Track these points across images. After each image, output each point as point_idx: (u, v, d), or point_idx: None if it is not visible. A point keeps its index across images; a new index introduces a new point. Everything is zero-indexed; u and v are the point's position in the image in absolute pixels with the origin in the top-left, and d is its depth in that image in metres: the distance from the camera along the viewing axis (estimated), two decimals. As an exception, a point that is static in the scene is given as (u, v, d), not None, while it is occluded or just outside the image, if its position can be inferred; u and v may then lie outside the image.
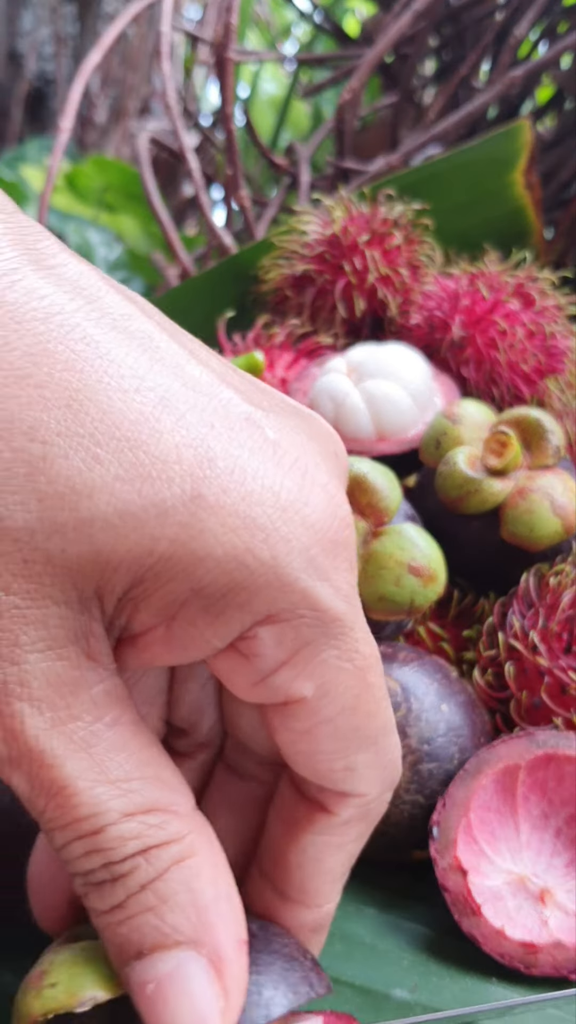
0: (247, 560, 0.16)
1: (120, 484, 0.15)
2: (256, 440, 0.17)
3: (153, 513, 0.16)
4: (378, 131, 0.64)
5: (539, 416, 0.33)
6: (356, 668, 0.18)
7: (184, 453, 0.16)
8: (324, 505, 0.17)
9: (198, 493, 0.16)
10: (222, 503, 0.16)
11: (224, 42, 0.52)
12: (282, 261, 0.44)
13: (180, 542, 0.16)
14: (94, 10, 0.97)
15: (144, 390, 0.16)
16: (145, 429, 0.16)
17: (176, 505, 0.16)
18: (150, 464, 0.16)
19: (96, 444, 0.15)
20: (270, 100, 0.87)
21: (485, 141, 0.47)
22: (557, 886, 0.27)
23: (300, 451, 0.18)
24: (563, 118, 0.57)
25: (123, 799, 0.17)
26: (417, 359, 0.38)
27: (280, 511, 0.17)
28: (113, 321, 0.16)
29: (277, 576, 0.16)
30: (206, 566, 0.16)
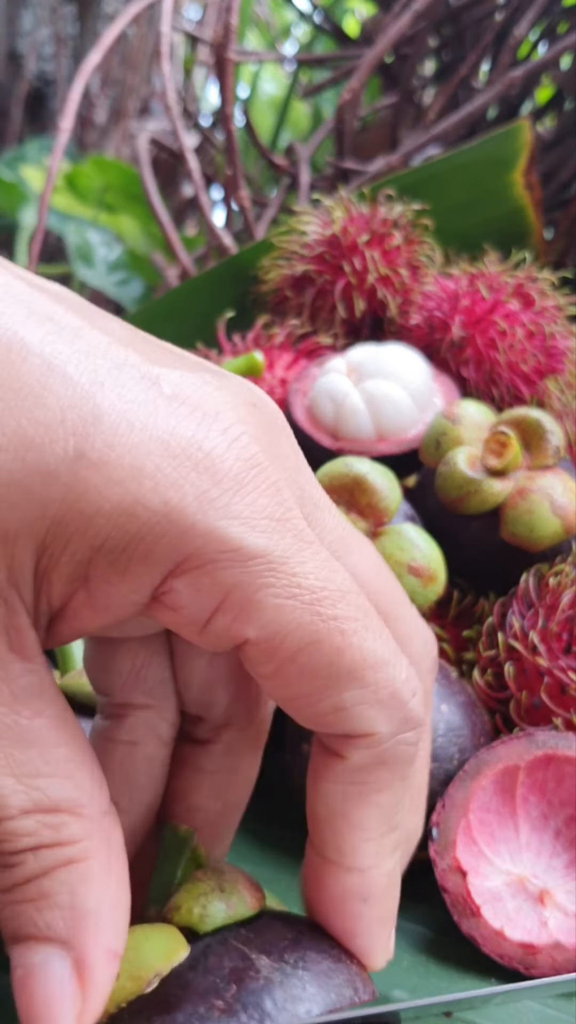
0: (137, 511, 0.16)
1: (3, 455, 0.16)
2: (149, 394, 0.17)
3: (38, 479, 0.16)
4: (378, 131, 0.64)
5: (539, 416, 0.33)
6: (302, 603, 0.17)
7: (68, 414, 0.16)
8: (223, 447, 0.17)
9: (81, 452, 0.16)
10: (106, 458, 0.16)
11: (224, 42, 0.52)
12: (282, 261, 0.44)
13: (68, 503, 0.16)
14: (94, 10, 0.97)
15: (31, 357, 0.16)
16: (29, 395, 0.16)
17: (59, 467, 0.16)
18: (33, 430, 0.16)
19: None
20: (270, 100, 0.87)
21: (485, 141, 0.47)
22: (557, 887, 0.27)
23: (200, 401, 0.17)
24: (563, 118, 0.57)
25: (24, 795, 0.17)
26: (417, 359, 0.38)
27: (170, 458, 0.16)
28: (17, 299, 0.17)
29: (172, 522, 0.16)
30: (97, 523, 0.16)
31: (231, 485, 0.17)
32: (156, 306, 0.50)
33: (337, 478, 0.31)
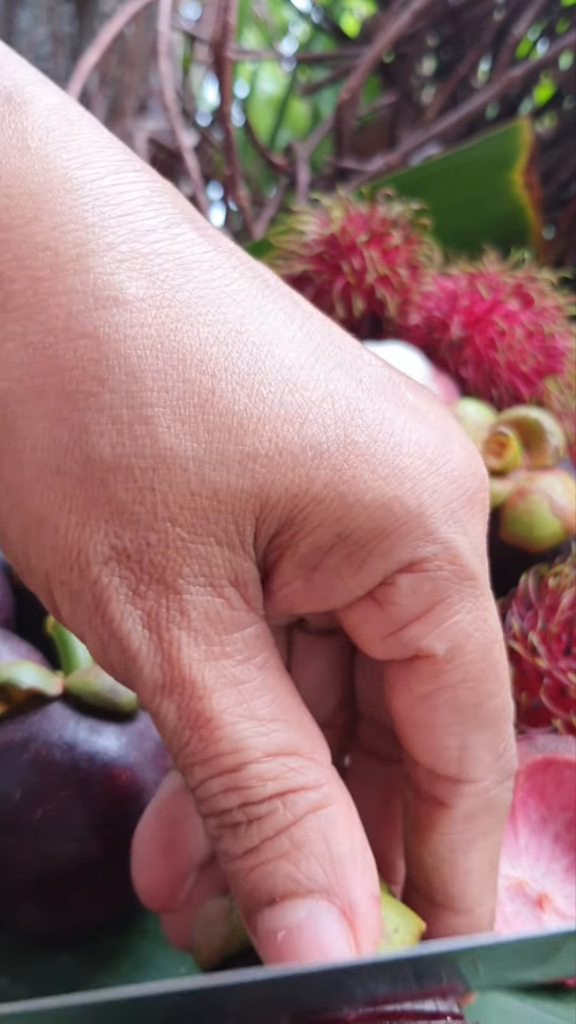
0: (394, 507, 0.17)
1: (281, 422, 0.16)
2: (400, 398, 0.17)
3: (310, 454, 0.16)
4: (377, 130, 0.64)
5: (538, 417, 0.33)
6: (485, 638, 0.18)
7: (338, 402, 0.17)
8: (467, 462, 0.18)
9: (351, 440, 0.16)
10: (372, 451, 0.17)
11: (222, 41, 0.52)
12: (280, 261, 0.44)
13: (332, 485, 0.16)
14: (92, 9, 0.97)
15: (299, 341, 0.17)
16: (302, 375, 0.17)
17: (331, 448, 0.16)
18: (307, 407, 0.16)
19: (260, 383, 0.16)
20: (268, 99, 0.87)
21: (484, 141, 0.47)
22: (555, 891, 0.27)
23: (439, 414, 0.18)
24: (562, 118, 0.57)
25: (266, 738, 0.16)
26: (416, 359, 0.38)
27: (427, 463, 0.17)
28: (265, 283, 0.18)
29: (421, 524, 0.17)
30: (354, 511, 0.16)
31: (468, 502, 0.18)
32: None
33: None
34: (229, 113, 0.53)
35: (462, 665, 0.18)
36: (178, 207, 0.17)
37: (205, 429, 0.16)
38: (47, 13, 0.96)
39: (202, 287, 0.16)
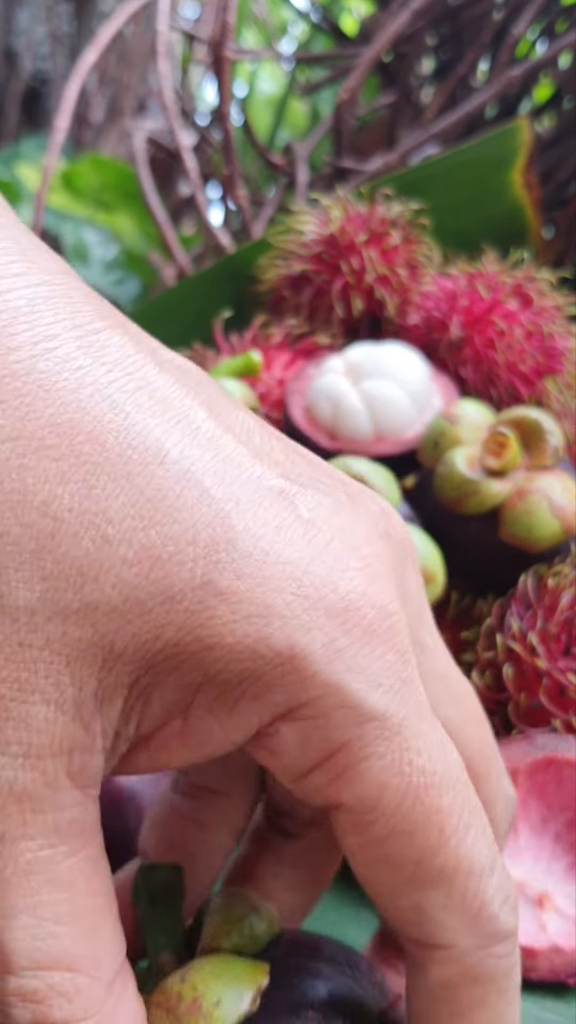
0: (260, 649, 0.15)
1: (127, 568, 0.14)
2: (286, 518, 0.16)
3: (159, 599, 0.15)
4: (376, 130, 0.64)
5: (538, 417, 0.33)
6: (408, 785, 0.15)
7: (201, 533, 0.15)
8: (359, 591, 0.16)
9: (209, 579, 0.15)
10: (235, 588, 0.15)
11: (221, 41, 0.52)
12: (279, 261, 0.44)
13: (187, 629, 0.15)
14: (90, 8, 0.97)
15: (168, 463, 0.15)
16: (162, 507, 0.15)
17: (184, 590, 0.15)
18: (162, 545, 0.15)
19: (108, 522, 0.14)
20: (267, 99, 0.87)
21: (483, 140, 0.47)
22: (556, 891, 0.27)
23: (337, 531, 0.16)
24: (562, 117, 0.57)
25: (40, 943, 0.15)
26: (415, 359, 0.38)
27: (302, 599, 0.15)
28: (151, 393, 0.15)
29: (295, 668, 0.15)
30: (215, 654, 0.15)
31: (361, 636, 0.15)
32: (153, 305, 0.50)
33: (335, 479, 0.30)
34: (228, 113, 0.53)
35: (383, 817, 0.15)
36: (65, 312, 0.15)
37: (40, 577, 0.14)
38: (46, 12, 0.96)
39: (61, 411, 0.14)
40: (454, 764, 0.16)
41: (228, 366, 0.37)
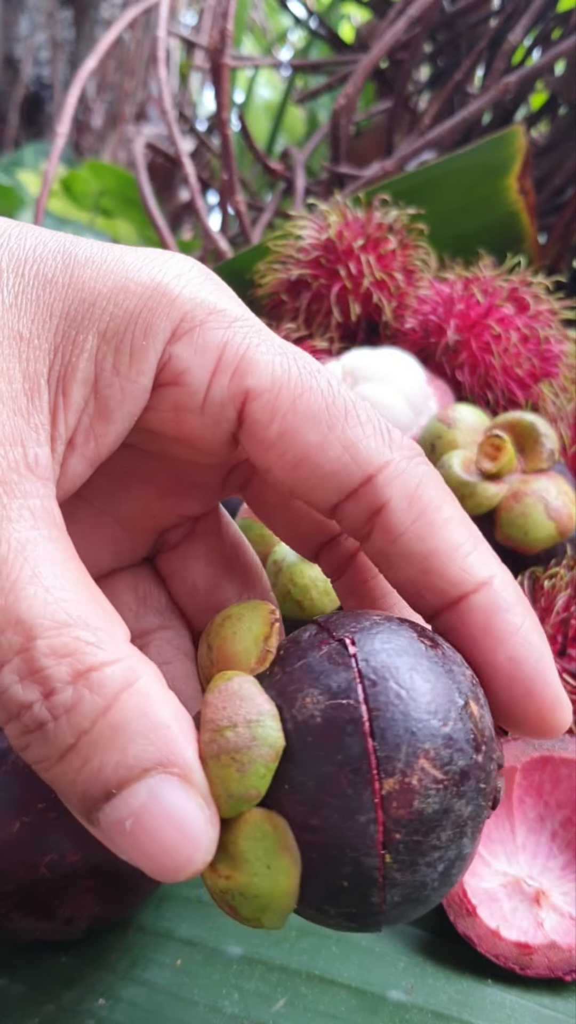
0: (130, 287, 0.18)
1: (4, 277, 0.18)
2: (111, 246, 0.20)
3: (40, 286, 0.18)
4: (373, 136, 0.64)
5: (533, 420, 0.34)
6: (289, 359, 0.19)
7: (52, 242, 0.19)
8: (178, 258, 0.20)
9: (70, 258, 0.18)
10: (93, 257, 0.18)
11: (220, 48, 0.52)
12: (277, 266, 0.44)
13: (69, 299, 0.18)
14: (90, 15, 0.97)
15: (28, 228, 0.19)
16: (21, 235, 0.19)
17: (56, 275, 0.18)
18: (26, 254, 0.18)
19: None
20: (266, 105, 0.87)
21: (479, 147, 0.47)
22: (552, 888, 0.27)
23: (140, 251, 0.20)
24: (557, 124, 0.58)
25: (55, 607, 0.15)
26: (412, 363, 0.38)
27: (143, 257, 0.19)
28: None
29: (162, 294, 0.18)
30: (100, 307, 0.18)
31: (198, 276, 0.19)
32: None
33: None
34: (227, 119, 0.53)
35: (285, 387, 0.18)
36: None
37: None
38: (46, 19, 0.97)
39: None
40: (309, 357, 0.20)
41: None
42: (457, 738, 0.16)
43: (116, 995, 0.25)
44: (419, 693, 0.16)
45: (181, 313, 0.18)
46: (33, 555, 0.16)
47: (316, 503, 0.19)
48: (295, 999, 0.25)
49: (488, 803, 0.17)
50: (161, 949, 0.27)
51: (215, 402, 0.19)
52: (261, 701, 0.16)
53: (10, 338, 0.17)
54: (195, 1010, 0.25)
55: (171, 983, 0.25)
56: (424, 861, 0.16)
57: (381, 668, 0.16)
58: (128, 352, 0.18)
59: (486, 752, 0.17)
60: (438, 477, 0.19)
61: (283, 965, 0.26)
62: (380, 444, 0.18)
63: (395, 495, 0.18)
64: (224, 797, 0.16)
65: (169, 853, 0.15)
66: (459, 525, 0.18)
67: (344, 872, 0.16)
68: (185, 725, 0.16)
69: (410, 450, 0.19)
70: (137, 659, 0.16)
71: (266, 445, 0.19)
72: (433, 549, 0.18)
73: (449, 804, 0.16)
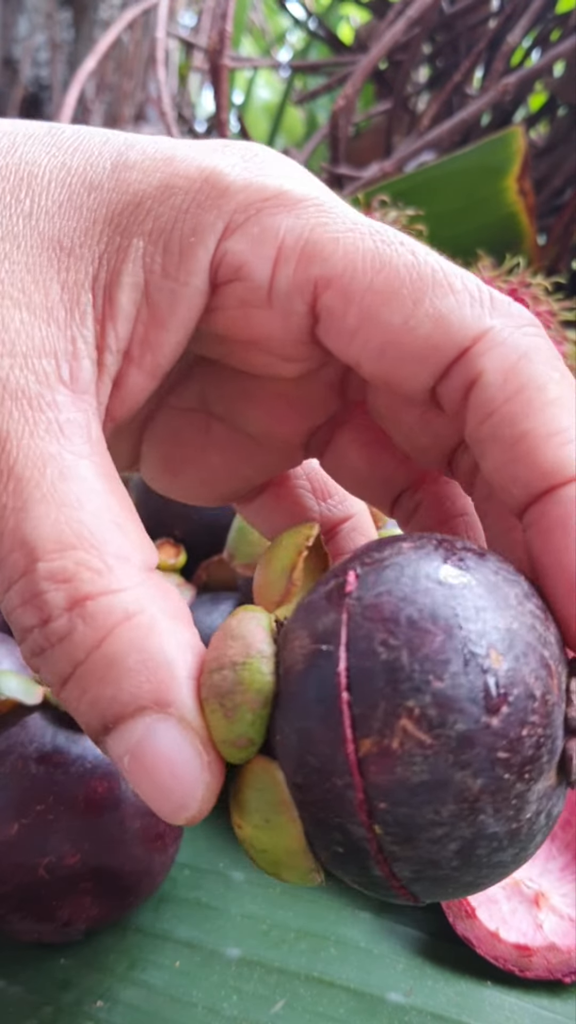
0: (177, 183, 0.17)
1: (54, 183, 0.17)
2: (173, 141, 0.18)
3: (85, 192, 0.17)
4: (372, 137, 0.64)
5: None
6: (362, 233, 0.16)
7: (105, 148, 0.17)
8: (240, 145, 0.18)
9: (117, 163, 0.17)
10: (140, 160, 0.17)
11: (219, 48, 0.52)
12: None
13: (113, 203, 0.17)
14: (89, 16, 0.97)
15: (67, 130, 0.18)
16: (68, 143, 0.18)
17: (102, 179, 0.17)
18: (74, 160, 0.17)
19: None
20: (265, 106, 0.87)
21: (478, 148, 0.47)
22: (552, 890, 0.27)
23: None
24: (556, 125, 0.58)
25: (63, 527, 0.14)
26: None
27: (198, 150, 0.17)
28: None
29: (211, 185, 0.17)
30: (144, 207, 0.17)
31: (262, 159, 0.17)
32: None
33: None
34: (226, 120, 0.53)
35: (359, 266, 0.16)
36: None
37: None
38: (45, 20, 0.97)
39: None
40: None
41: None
42: (455, 695, 0.13)
43: (114, 997, 0.25)
44: (414, 640, 0.13)
45: (234, 204, 0.16)
46: (52, 472, 0.15)
47: (413, 391, 0.17)
48: (294, 1001, 0.25)
49: (521, 775, 0.14)
50: (160, 951, 0.27)
51: (281, 294, 0.17)
52: (256, 641, 0.15)
53: (50, 248, 0.16)
54: (194, 1012, 0.25)
55: (169, 985, 0.25)
56: (425, 837, 0.14)
57: (373, 608, 0.14)
58: (177, 252, 0.16)
59: (512, 715, 0.13)
60: (551, 352, 0.16)
61: (282, 967, 0.26)
62: (478, 311, 0.16)
63: (489, 367, 0.16)
64: (220, 743, 0.15)
65: (165, 795, 0.15)
66: (564, 409, 0.15)
67: (336, 839, 0.14)
68: (191, 662, 0.15)
69: (518, 319, 0.16)
70: (147, 589, 0.15)
71: (347, 336, 0.16)
72: (525, 432, 0.15)
73: (444, 774, 0.13)
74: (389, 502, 0.21)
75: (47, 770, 0.24)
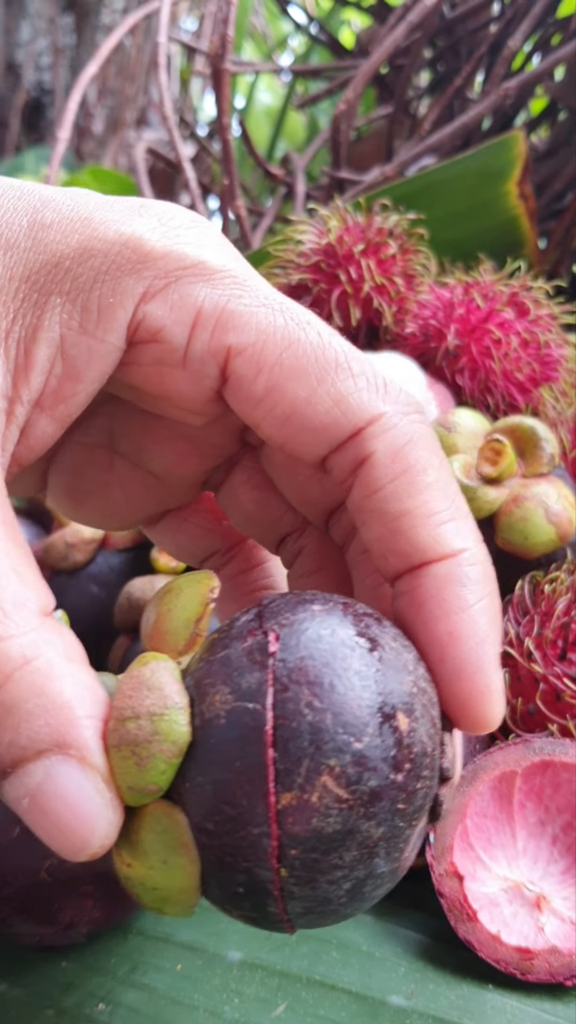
0: (96, 246, 0.17)
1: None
2: (91, 194, 0.19)
3: (2, 251, 0.17)
4: (373, 142, 0.65)
5: (533, 424, 0.34)
6: (274, 310, 0.18)
7: (20, 203, 0.18)
8: (163, 205, 0.19)
9: (34, 222, 0.18)
10: (57, 220, 0.18)
11: (220, 53, 0.52)
12: (278, 270, 0.44)
13: (30, 261, 0.17)
14: (91, 21, 0.98)
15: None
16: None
17: (19, 238, 0.18)
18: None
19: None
20: (266, 111, 0.88)
21: (479, 152, 0.48)
22: (553, 893, 0.27)
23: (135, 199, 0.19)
24: (556, 129, 0.58)
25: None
26: (412, 368, 0.38)
27: (116, 210, 0.18)
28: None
29: (131, 249, 0.17)
30: (63, 267, 0.17)
31: (179, 223, 0.18)
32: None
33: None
34: (227, 124, 0.54)
35: (269, 340, 0.17)
36: None
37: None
38: (47, 25, 0.97)
39: None
40: (301, 307, 0.19)
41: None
42: (371, 756, 0.15)
43: (116, 1000, 0.25)
44: (336, 703, 0.15)
45: (154, 271, 0.18)
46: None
47: (306, 456, 0.18)
48: (295, 1004, 0.25)
49: (410, 822, 0.16)
50: (161, 954, 0.27)
51: (196, 359, 0.18)
52: (171, 692, 0.16)
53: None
54: (195, 1015, 0.25)
55: (171, 988, 0.25)
56: (325, 879, 0.15)
57: (298, 671, 0.15)
58: (96, 311, 0.17)
59: (412, 771, 0.15)
60: (433, 439, 0.18)
61: (283, 970, 0.26)
62: (373, 397, 0.18)
63: (380, 448, 0.18)
64: (124, 788, 0.15)
65: (65, 834, 0.15)
66: (441, 491, 0.18)
67: (239, 880, 0.15)
68: (90, 704, 0.15)
69: (406, 405, 0.18)
70: (43, 633, 0.15)
71: (253, 401, 0.18)
72: (407, 510, 0.17)
73: (354, 825, 0.15)
74: (274, 543, 0.22)
75: None
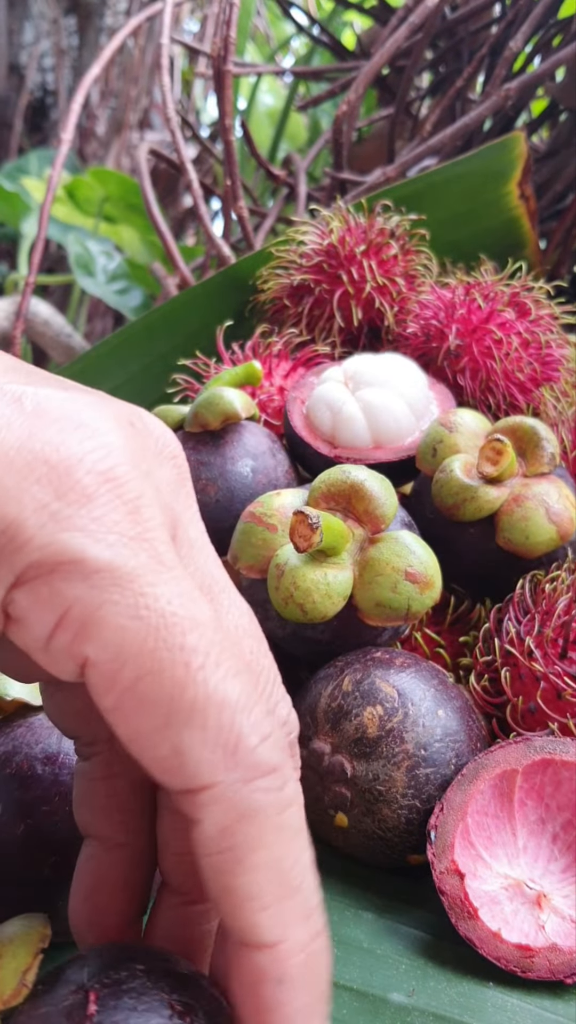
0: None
1: None
2: (7, 411, 0.17)
3: None
4: (375, 143, 0.65)
5: (534, 424, 0.34)
6: (147, 626, 0.16)
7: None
8: (76, 458, 0.16)
9: None
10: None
11: (223, 55, 0.52)
12: (280, 271, 0.45)
13: None
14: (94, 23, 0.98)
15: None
16: None
17: None
18: None
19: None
20: (268, 112, 0.88)
21: (480, 153, 0.48)
22: (554, 891, 0.27)
23: (63, 414, 0.17)
24: (557, 130, 0.58)
25: None
26: (413, 368, 0.38)
27: (13, 473, 0.16)
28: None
29: (9, 536, 0.16)
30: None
31: (77, 498, 0.16)
32: (155, 315, 0.50)
33: (335, 485, 0.31)
34: (229, 126, 0.54)
35: (130, 661, 0.16)
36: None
37: None
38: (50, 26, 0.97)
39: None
40: (199, 610, 0.17)
41: (230, 375, 0.37)
42: None
43: (119, 996, 0.25)
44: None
45: (27, 561, 0.16)
46: None
47: (145, 776, 0.17)
48: (297, 1001, 0.25)
49: None
50: (163, 950, 0.27)
51: (56, 653, 0.17)
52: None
53: None
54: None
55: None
56: None
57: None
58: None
59: None
60: (277, 809, 0.16)
61: (285, 967, 0.26)
62: (214, 759, 0.16)
63: (207, 820, 0.16)
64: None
65: None
66: (268, 874, 0.16)
67: None
68: None
69: (252, 770, 0.16)
70: None
71: (103, 708, 0.17)
72: (228, 889, 0.16)
73: None
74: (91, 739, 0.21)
75: (53, 771, 0.24)
